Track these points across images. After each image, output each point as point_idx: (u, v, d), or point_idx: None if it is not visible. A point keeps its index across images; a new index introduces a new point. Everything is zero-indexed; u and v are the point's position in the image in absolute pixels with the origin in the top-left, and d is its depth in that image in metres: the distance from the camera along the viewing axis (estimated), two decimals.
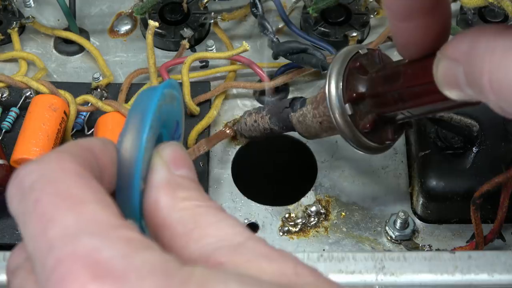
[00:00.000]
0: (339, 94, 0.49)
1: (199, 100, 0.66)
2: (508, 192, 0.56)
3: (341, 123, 0.49)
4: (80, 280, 0.25)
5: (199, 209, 0.30)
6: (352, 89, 0.49)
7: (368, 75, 0.49)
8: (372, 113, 0.49)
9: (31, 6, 0.76)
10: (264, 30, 0.69)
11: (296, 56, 0.65)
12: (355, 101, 0.49)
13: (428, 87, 0.41)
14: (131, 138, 0.31)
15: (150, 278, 0.25)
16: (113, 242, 0.26)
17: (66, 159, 0.29)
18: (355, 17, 0.72)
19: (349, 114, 0.49)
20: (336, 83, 0.49)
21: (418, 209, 0.61)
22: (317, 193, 0.64)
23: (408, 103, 0.46)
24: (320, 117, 0.52)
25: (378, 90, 0.48)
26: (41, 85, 0.64)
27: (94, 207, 0.27)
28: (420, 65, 0.43)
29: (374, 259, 0.49)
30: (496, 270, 0.49)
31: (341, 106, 0.49)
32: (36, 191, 0.28)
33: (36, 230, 0.27)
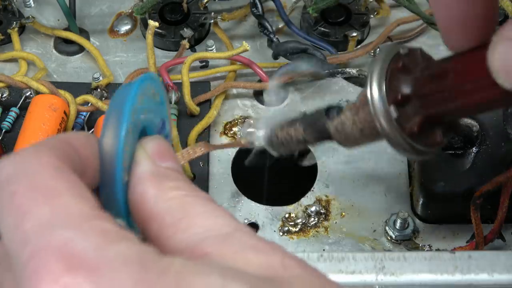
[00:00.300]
0: (382, 97, 0.45)
1: (199, 100, 0.66)
2: (508, 192, 0.56)
3: (386, 127, 0.45)
4: (53, 273, 0.25)
5: (187, 199, 0.30)
6: (396, 90, 0.45)
7: (412, 75, 0.46)
8: (418, 115, 0.45)
9: (31, 6, 0.76)
10: (264, 30, 0.69)
11: (296, 56, 0.65)
12: (400, 103, 0.45)
13: (481, 82, 0.39)
14: (110, 132, 0.31)
15: (125, 270, 0.25)
16: (87, 234, 0.26)
17: (44, 153, 0.29)
18: (355, 17, 0.72)
19: (394, 117, 0.45)
20: (378, 85, 0.45)
21: (418, 209, 0.61)
22: (317, 193, 0.64)
23: (458, 102, 0.43)
24: (361, 123, 0.48)
25: (425, 90, 0.45)
26: (41, 85, 0.64)
27: (69, 199, 0.27)
28: (470, 58, 0.41)
29: (374, 259, 0.49)
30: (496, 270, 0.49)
31: (385, 109, 0.45)
32: (12, 184, 0.28)
33: (12, 223, 0.27)
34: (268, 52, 0.70)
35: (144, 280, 0.25)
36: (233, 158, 0.66)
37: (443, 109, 0.44)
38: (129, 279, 0.25)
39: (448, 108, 0.44)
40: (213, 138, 0.67)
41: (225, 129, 0.67)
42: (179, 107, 0.66)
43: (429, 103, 0.45)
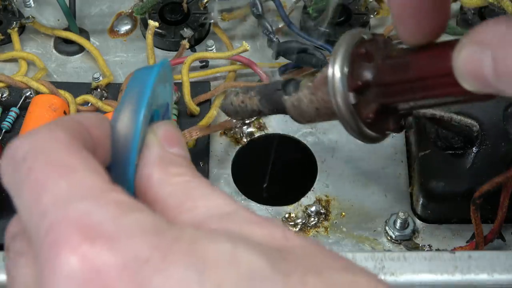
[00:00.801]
0: (343, 81, 0.45)
1: (199, 100, 0.66)
2: (508, 192, 0.56)
3: (344, 112, 0.46)
4: (72, 242, 0.26)
5: (191, 184, 0.31)
6: (357, 77, 0.45)
7: (374, 62, 0.46)
8: (376, 103, 0.46)
9: (31, 6, 0.76)
10: (264, 30, 0.69)
11: (296, 56, 0.65)
12: (360, 89, 0.45)
13: (443, 79, 0.39)
14: (128, 114, 0.32)
15: (141, 237, 0.26)
16: (103, 205, 0.27)
17: (57, 131, 0.29)
18: (355, 17, 0.72)
19: (352, 103, 0.45)
20: (340, 69, 0.45)
21: (418, 209, 0.61)
22: (317, 193, 0.64)
23: (419, 95, 0.43)
24: (318, 103, 0.49)
25: (386, 80, 0.45)
26: (41, 85, 0.64)
27: (84, 174, 0.28)
28: (434, 54, 0.41)
29: (374, 259, 0.49)
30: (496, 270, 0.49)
31: (345, 94, 0.45)
32: (28, 161, 0.28)
33: (30, 198, 0.28)
34: (268, 52, 0.70)
35: (159, 246, 0.26)
36: (233, 158, 0.66)
37: (402, 100, 0.44)
38: (145, 245, 0.26)
39: (406, 100, 0.44)
40: (213, 138, 0.67)
41: (225, 129, 0.67)
42: (179, 107, 0.66)
43: (388, 92, 0.45)
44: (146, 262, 0.25)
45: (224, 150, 0.66)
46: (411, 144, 0.63)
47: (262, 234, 0.28)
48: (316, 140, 0.67)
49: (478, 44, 0.34)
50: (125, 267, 0.25)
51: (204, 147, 0.65)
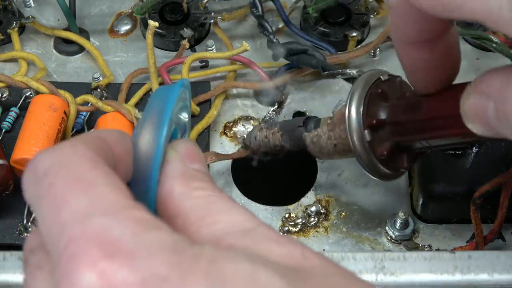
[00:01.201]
0: (359, 119, 0.48)
1: (199, 100, 0.66)
2: (508, 192, 0.56)
3: (359, 148, 0.49)
4: (91, 258, 0.26)
5: (212, 198, 0.31)
6: (372, 115, 0.48)
7: (389, 102, 0.49)
8: (390, 141, 0.49)
9: (31, 6, 0.76)
10: (264, 30, 0.69)
11: (296, 57, 0.65)
12: (375, 127, 0.48)
13: (452, 120, 0.41)
14: (150, 132, 0.32)
15: (160, 255, 0.26)
16: (123, 222, 0.27)
17: (80, 146, 0.30)
18: (355, 17, 0.72)
19: (367, 141, 0.48)
20: (357, 108, 0.48)
21: (418, 209, 0.61)
22: (317, 193, 0.64)
23: (429, 134, 0.46)
24: (336, 140, 0.52)
25: (399, 119, 0.48)
26: (41, 85, 0.64)
27: (105, 189, 0.28)
28: (444, 97, 0.43)
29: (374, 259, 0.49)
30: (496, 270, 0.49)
31: (360, 132, 0.48)
32: (50, 175, 0.29)
33: (50, 212, 0.28)
34: (268, 52, 0.70)
35: (178, 264, 0.26)
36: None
37: (413, 139, 0.47)
38: (164, 264, 0.26)
39: (418, 138, 0.47)
40: (213, 138, 0.67)
41: (225, 129, 0.67)
42: None
43: (401, 131, 0.48)
44: (165, 280, 0.25)
45: (224, 150, 0.66)
46: None
47: (281, 252, 0.28)
48: None
49: (481, 94, 0.37)
50: (144, 285, 0.25)
51: (204, 147, 0.65)
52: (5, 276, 0.48)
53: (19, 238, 0.59)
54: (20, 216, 0.60)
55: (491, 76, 0.37)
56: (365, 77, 0.50)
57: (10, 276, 0.48)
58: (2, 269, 0.48)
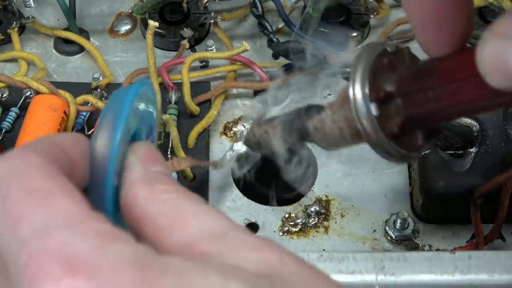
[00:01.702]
0: (365, 94, 0.42)
1: (199, 100, 0.66)
2: (508, 192, 0.56)
3: (367, 125, 0.42)
4: (53, 276, 0.25)
5: (180, 201, 0.30)
6: (379, 87, 0.42)
7: (397, 73, 0.43)
8: (401, 115, 0.43)
9: (31, 6, 0.76)
10: (264, 30, 0.69)
11: (296, 56, 0.65)
12: (382, 101, 0.42)
13: (468, 82, 0.37)
14: (105, 135, 0.31)
15: (125, 271, 0.25)
16: (84, 235, 0.26)
17: (31, 154, 0.28)
18: (355, 17, 0.72)
19: (375, 116, 0.42)
20: (361, 82, 0.42)
21: (418, 209, 0.61)
22: (317, 193, 0.64)
23: (444, 102, 0.41)
24: (341, 122, 0.45)
25: (408, 89, 0.42)
26: (41, 85, 0.64)
27: (63, 201, 0.27)
28: (457, 57, 0.39)
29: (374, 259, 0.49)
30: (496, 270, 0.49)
31: (366, 107, 0.42)
32: (3, 187, 0.27)
33: (7, 227, 0.26)
34: (268, 52, 0.70)
35: (144, 280, 0.25)
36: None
37: (426, 110, 0.42)
38: (129, 279, 0.25)
39: (431, 109, 0.41)
40: (213, 138, 0.67)
41: (225, 129, 0.67)
42: (179, 107, 0.66)
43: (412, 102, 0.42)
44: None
45: (224, 150, 0.66)
46: None
47: (257, 258, 0.27)
48: None
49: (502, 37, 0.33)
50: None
51: (204, 147, 0.65)
52: None
53: None
54: None
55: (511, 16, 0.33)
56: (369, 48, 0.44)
57: None
58: None
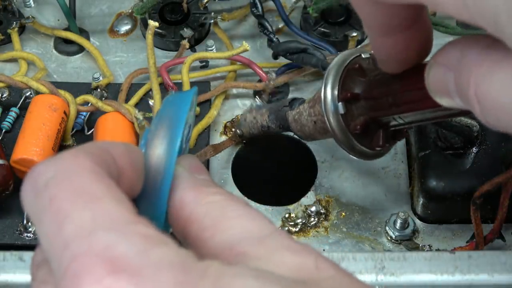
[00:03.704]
0: (334, 94, 0.49)
1: (199, 100, 0.66)
2: (508, 192, 0.56)
3: (333, 121, 0.49)
4: (96, 275, 0.25)
5: (225, 202, 0.31)
6: (347, 89, 0.49)
7: (366, 77, 0.49)
8: (364, 116, 0.49)
9: (31, 6, 0.76)
10: (264, 30, 0.69)
11: (296, 56, 0.65)
12: (349, 101, 0.49)
13: (421, 93, 0.41)
14: (163, 145, 0.32)
15: (166, 273, 0.25)
16: (128, 238, 0.26)
17: (81, 157, 0.29)
18: (355, 17, 0.72)
19: (341, 113, 0.49)
20: (332, 83, 0.49)
21: (418, 209, 0.61)
22: (317, 193, 0.64)
23: (401, 108, 0.46)
24: (315, 116, 0.52)
25: (373, 93, 0.48)
26: (41, 85, 0.64)
27: (109, 203, 0.27)
28: (414, 71, 0.43)
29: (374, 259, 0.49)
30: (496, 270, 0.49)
31: (334, 105, 0.49)
32: (51, 188, 0.28)
33: (52, 228, 0.27)
34: (268, 52, 0.70)
35: (185, 282, 0.25)
36: (233, 158, 0.66)
37: (386, 113, 0.47)
38: (170, 281, 0.25)
39: (390, 113, 0.47)
40: (213, 138, 0.67)
41: (225, 129, 0.67)
42: None
43: (374, 105, 0.48)
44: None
45: (224, 150, 0.66)
46: (411, 144, 0.63)
47: (294, 262, 0.28)
48: (316, 141, 0.67)
49: (442, 66, 0.37)
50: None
51: (204, 147, 0.65)
52: (5, 276, 0.48)
53: (19, 238, 0.59)
54: (20, 216, 0.60)
55: (450, 47, 0.36)
56: (344, 54, 0.51)
57: (10, 276, 0.48)
58: (2, 269, 0.48)
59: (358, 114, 0.49)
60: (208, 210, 0.31)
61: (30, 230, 0.59)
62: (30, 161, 0.59)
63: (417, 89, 0.43)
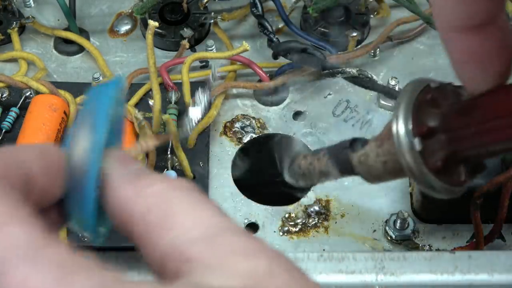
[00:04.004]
0: (408, 129, 0.43)
1: None
2: (508, 192, 0.56)
3: (409, 159, 0.44)
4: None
5: (168, 193, 0.28)
6: (422, 123, 0.44)
7: (440, 108, 0.44)
8: (443, 150, 0.44)
9: (31, 6, 0.76)
10: (264, 30, 0.69)
11: (296, 56, 0.65)
12: (425, 136, 0.44)
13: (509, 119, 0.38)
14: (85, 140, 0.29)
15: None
16: (43, 266, 0.24)
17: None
18: (355, 17, 0.72)
19: (418, 150, 0.43)
20: (405, 117, 0.44)
21: (418, 209, 0.61)
22: (317, 193, 0.64)
23: (485, 138, 0.42)
24: (385, 156, 0.47)
25: (451, 124, 0.43)
26: (41, 85, 0.64)
27: (16, 227, 0.25)
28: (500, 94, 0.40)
29: (374, 259, 0.49)
30: (496, 270, 0.49)
31: (409, 141, 0.43)
32: None
33: None
34: (268, 52, 0.70)
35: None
36: (233, 158, 0.66)
37: (469, 146, 0.43)
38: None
39: (474, 145, 0.43)
40: (213, 138, 0.67)
41: (225, 129, 0.67)
42: (179, 107, 0.66)
43: (455, 138, 0.43)
44: None
45: (224, 150, 0.66)
46: None
47: (245, 269, 0.25)
48: (316, 140, 0.67)
49: None
50: None
51: (204, 147, 0.65)
52: None
53: None
54: None
55: None
56: (412, 84, 0.45)
57: None
58: None
59: (436, 150, 0.44)
60: (150, 206, 0.27)
61: None
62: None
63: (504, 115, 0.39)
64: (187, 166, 0.62)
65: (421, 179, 0.44)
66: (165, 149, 0.63)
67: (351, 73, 0.64)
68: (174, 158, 0.63)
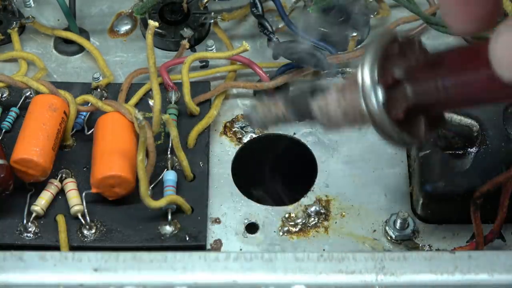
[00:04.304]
0: (373, 78, 0.43)
1: (199, 100, 0.66)
2: (508, 192, 0.56)
3: (372, 108, 0.43)
4: None
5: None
6: (388, 73, 0.43)
7: (406, 60, 0.44)
8: (407, 101, 0.44)
9: (31, 6, 0.76)
10: (264, 30, 0.69)
11: (296, 56, 0.65)
12: (390, 86, 0.43)
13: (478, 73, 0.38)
14: None
15: None
16: None
17: None
18: (355, 17, 0.72)
19: (382, 101, 0.43)
20: (371, 66, 0.43)
21: (418, 209, 0.61)
22: (317, 193, 0.64)
23: (452, 92, 0.41)
24: (347, 104, 0.46)
25: (419, 77, 0.43)
26: (41, 85, 0.64)
27: None
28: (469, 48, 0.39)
29: (374, 259, 0.49)
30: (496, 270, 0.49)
31: (374, 90, 0.43)
32: None
33: None
34: (268, 52, 0.70)
35: None
36: (233, 158, 0.66)
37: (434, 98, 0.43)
38: None
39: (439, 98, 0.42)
40: (213, 138, 0.67)
41: (225, 129, 0.67)
42: (179, 107, 0.66)
43: (419, 90, 0.43)
44: None
45: (224, 150, 0.66)
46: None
47: None
48: (316, 140, 0.67)
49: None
50: None
51: (204, 147, 0.65)
52: (5, 276, 0.48)
53: (19, 238, 0.59)
54: (20, 216, 0.60)
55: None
56: (381, 35, 0.45)
57: (10, 276, 0.48)
58: (2, 269, 0.48)
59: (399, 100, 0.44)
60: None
61: (30, 230, 0.59)
62: (30, 161, 0.59)
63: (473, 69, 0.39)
64: (187, 166, 0.62)
65: (382, 128, 0.44)
66: (165, 149, 0.63)
67: (351, 73, 0.64)
68: (174, 158, 0.63)
